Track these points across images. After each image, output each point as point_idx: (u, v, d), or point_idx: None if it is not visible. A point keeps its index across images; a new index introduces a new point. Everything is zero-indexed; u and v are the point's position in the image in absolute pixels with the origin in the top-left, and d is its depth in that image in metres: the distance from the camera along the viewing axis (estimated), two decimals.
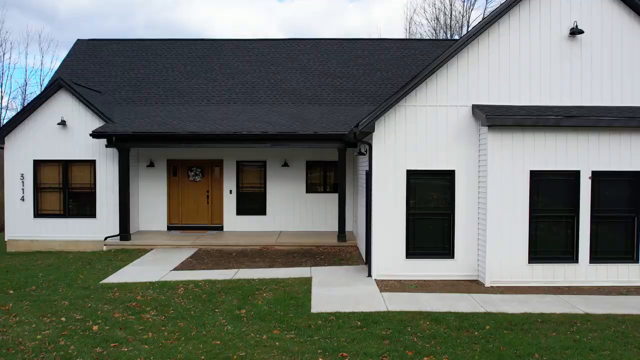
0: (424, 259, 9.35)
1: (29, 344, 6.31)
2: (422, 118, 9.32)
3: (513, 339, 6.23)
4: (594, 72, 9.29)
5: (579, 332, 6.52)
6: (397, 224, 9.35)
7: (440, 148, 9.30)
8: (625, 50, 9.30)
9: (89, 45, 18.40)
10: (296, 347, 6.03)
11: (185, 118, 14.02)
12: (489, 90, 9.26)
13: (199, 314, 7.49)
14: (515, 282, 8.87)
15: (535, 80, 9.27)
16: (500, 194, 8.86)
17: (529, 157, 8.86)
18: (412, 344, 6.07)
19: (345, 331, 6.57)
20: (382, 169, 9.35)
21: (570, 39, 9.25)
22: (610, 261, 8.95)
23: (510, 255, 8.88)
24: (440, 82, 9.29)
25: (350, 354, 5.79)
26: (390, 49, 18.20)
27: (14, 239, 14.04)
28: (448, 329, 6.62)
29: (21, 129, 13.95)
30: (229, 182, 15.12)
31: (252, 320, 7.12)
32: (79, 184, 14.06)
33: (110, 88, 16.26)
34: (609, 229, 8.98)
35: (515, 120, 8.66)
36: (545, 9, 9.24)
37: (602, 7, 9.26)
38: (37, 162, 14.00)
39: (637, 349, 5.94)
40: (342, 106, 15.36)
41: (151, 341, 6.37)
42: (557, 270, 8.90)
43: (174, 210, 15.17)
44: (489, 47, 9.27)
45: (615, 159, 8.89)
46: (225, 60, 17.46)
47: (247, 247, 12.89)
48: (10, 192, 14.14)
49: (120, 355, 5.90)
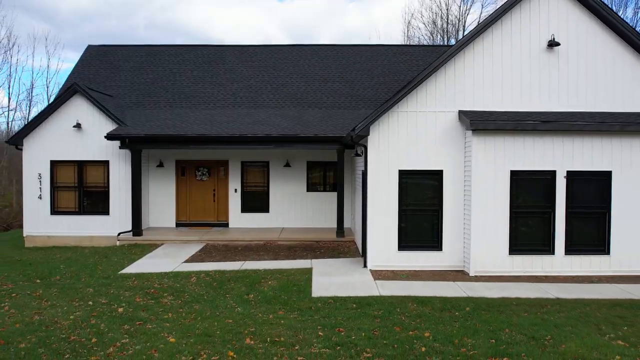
0: (415, 251, 10.25)
1: (64, 323, 7.19)
2: (413, 123, 10.21)
3: (489, 318, 7.12)
4: (570, 80, 10.18)
5: (547, 313, 7.41)
6: (390, 220, 10.25)
7: (430, 150, 10.19)
8: (598, 61, 10.19)
9: (99, 50, 19.30)
10: (299, 325, 6.92)
11: (193, 121, 14.90)
12: (474, 97, 10.15)
13: (212, 298, 8.38)
14: (497, 271, 9.76)
15: (516, 88, 10.16)
16: (484, 191, 9.75)
17: (510, 158, 9.75)
18: (400, 322, 6.96)
19: (342, 312, 7.46)
20: (377, 169, 10.25)
21: (548, 50, 10.14)
22: (583, 253, 9.84)
23: (493, 247, 9.77)
24: (429, 90, 10.18)
25: (346, 329, 6.68)
26: (386, 54, 19.09)
27: (32, 235, 14.92)
28: (432, 310, 7.51)
29: (39, 131, 14.83)
30: (234, 181, 16.02)
31: (259, 304, 8.02)
32: (93, 183, 14.95)
33: (120, 92, 17.15)
34: (583, 223, 9.86)
35: (496, 125, 9.55)
36: (525, 23, 10.13)
37: (577, 22, 10.14)
38: (54, 162, 14.88)
39: (595, 326, 6.83)
40: (341, 109, 16.25)
41: (171, 320, 7.26)
42: (535, 261, 9.79)
43: (182, 208, 16.07)
44: (474, 58, 10.16)
45: (587, 160, 9.78)
46: (230, 65, 18.35)
47: (251, 242, 13.78)
48: (29, 190, 15.00)
49: (146, 330, 6.79)
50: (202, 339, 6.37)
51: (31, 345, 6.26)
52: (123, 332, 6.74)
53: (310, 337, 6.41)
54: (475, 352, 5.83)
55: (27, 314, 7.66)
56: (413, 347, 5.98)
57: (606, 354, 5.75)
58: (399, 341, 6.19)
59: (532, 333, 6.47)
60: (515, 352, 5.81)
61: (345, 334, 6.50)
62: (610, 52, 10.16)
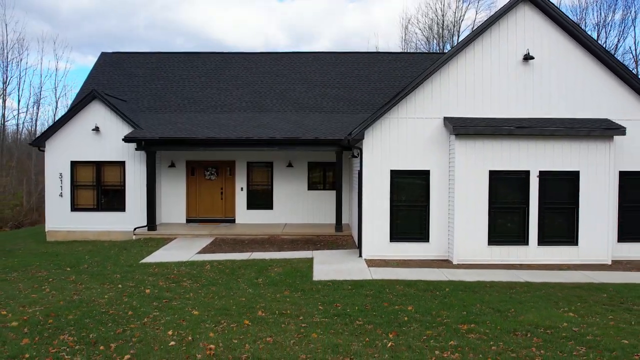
0: (405, 242, 11.47)
1: (101, 301, 8.41)
2: (403, 128, 11.43)
3: (464, 297, 8.34)
4: (543, 90, 11.39)
5: (515, 293, 8.63)
6: (383, 214, 11.47)
7: (418, 152, 11.41)
8: (568, 72, 11.41)
9: (112, 57, 20.52)
10: (302, 301, 8.14)
11: (202, 124, 16.12)
12: (457, 105, 11.37)
13: (226, 282, 9.60)
14: (477, 260, 10.98)
15: (495, 96, 11.38)
16: (466, 189, 10.97)
17: (489, 160, 10.97)
18: (388, 299, 8.18)
19: (339, 292, 8.68)
20: (371, 170, 11.47)
21: (523, 63, 11.36)
22: (554, 244, 11.06)
23: (474, 238, 10.99)
24: (417, 99, 11.40)
25: (342, 304, 7.90)
26: (383, 61, 20.32)
27: (53, 230, 16.14)
28: (417, 291, 8.73)
29: (60, 134, 16.05)
30: (240, 180, 17.25)
31: (268, 286, 9.23)
32: (110, 182, 16.17)
33: (133, 97, 18.37)
34: (554, 217, 11.09)
35: (476, 130, 10.77)
36: (503, 39, 11.34)
37: (549, 38, 11.36)
38: (74, 162, 16.10)
39: (554, 302, 8.04)
40: (340, 114, 17.46)
41: (192, 299, 8.47)
42: (511, 251, 11.02)
43: (192, 205, 17.29)
44: (457, 70, 11.38)
45: (558, 161, 11.00)
46: (236, 71, 19.57)
47: (257, 237, 15.00)
48: (51, 189, 16.22)
49: (172, 306, 8.00)
50: (220, 312, 7.59)
51: (77, 317, 7.48)
52: (153, 308, 7.95)
53: (311, 310, 7.63)
54: (448, 320, 7.04)
55: (67, 295, 8.87)
56: (397, 317, 7.20)
57: (556, 321, 6.96)
58: (386, 313, 7.41)
59: (498, 307, 7.69)
60: (481, 320, 7.03)
61: (341, 308, 7.73)
62: (579, 64, 11.38)
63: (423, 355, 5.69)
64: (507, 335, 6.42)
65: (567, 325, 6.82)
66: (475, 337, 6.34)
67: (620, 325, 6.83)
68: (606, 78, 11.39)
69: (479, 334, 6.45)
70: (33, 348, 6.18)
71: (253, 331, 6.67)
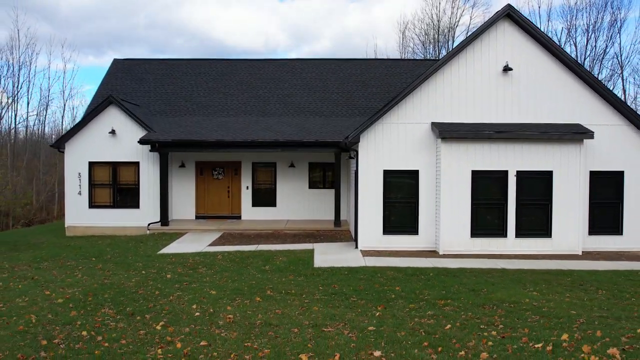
0: (396, 235, 12.73)
1: (129, 284, 9.67)
2: (395, 132, 12.69)
3: (445, 280, 9.60)
4: (521, 98, 12.65)
5: (491, 277, 9.88)
6: (376, 210, 12.73)
7: (408, 154, 12.67)
8: (544, 82, 12.66)
9: (124, 64, 21.79)
10: (304, 283, 9.40)
11: (210, 127, 17.38)
12: (443, 112, 12.63)
13: (237, 268, 10.86)
14: (461, 251, 12.24)
15: (477, 104, 12.63)
16: (450, 187, 12.23)
17: (471, 161, 12.23)
18: (379, 282, 9.44)
19: (337, 276, 9.95)
20: (366, 170, 12.73)
21: (503, 74, 12.62)
22: (530, 236, 12.32)
23: (458, 231, 12.25)
24: (408, 106, 12.66)
25: (339, 286, 9.16)
26: (379, 67, 21.59)
27: (72, 226, 17.40)
28: (405, 275, 9.99)
29: (78, 137, 17.31)
30: (245, 179, 18.51)
31: (274, 272, 10.50)
32: (125, 181, 17.43)
33: (145, 101, 19.63)
34: (530, 212, 12.34)
35: (460, 134, 12.03)
36: (485, 52, 12.60)
37: (527, 51, 12.61)
38: (92, 163, 17.36)
39: (522, 284, 9.28)
40: (338, 117, 18.73)
41: (209, 282, 9.73)
42: (491, 242, 12.28)
43: (200, 203, 18.55)
44: (443, 80, 12.64)
45: (533, 162, 12.25)
46: (241, 77, 20.83)
47: (262, 231, 16.26)
48: (70, 187, 17.48)
49: (192, 288, 9.26)
50: (234, 292, 8.85)
51: (112, 296, 8.74)
52: (176, 289, 9.21)
53: (313, 290, 8.89)
54: (429, 297, 8.31)
55: (98, 279, 10.14)
56: (386, 295, 8.46)
57: (520, 298, 8.22)
58: (376, 292, 8.67)
59: (473, 287, 8.95)
60: (456, 297, 8.29)
61: (338, 288, 8.99)
62: (554, 75, 12.64)
63: (404, 321, 6.95)
64: (477, 307, 7.68)
65: (529, 301, 8.08)
66: (450, 309, 7.60)
67: (573, 301, 8.09)
68: (578, 87, 12.64)
69: (453, 307, 7.71)
70: (81, 317, 7.45)
71: (264, 305, 7.94)
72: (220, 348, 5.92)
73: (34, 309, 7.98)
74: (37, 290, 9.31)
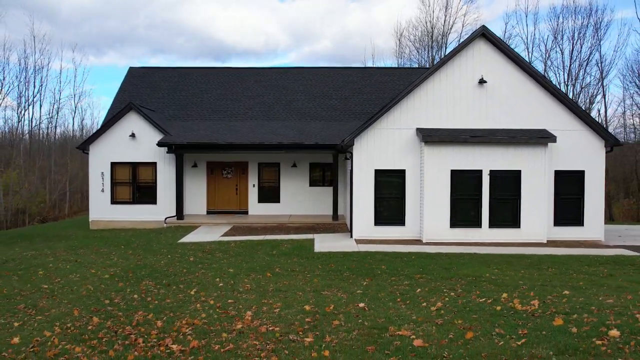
0: (386, 226, 14.61)
1: (159, 265, 11.54)
2: (385, 136, 14.57)
3: (424, 261, 11.48)
4: (494, 106, 14.52)
5: (462, 259, 11.75)
6: (369, 204, 14.60)
7: (396, 155, 14.55)
8: (514, 93, 14.52)
9: (139, 72, 23.68)
10: (306, 264, 11.29)
11: (220, 131, 19.25)
12: (427, 118, 14.51)
13: (248, 253, 12.75)
14: (441, 239, 14.11)
15: (457, 112, 14.51)
16: (432, 184, 14.10)
17: (450, 161, 14.10)
18: (368, 262, 11.33)
19: (333, 258, 11.83)
20: (359, 169, 14.60)
21: (478, 85, 14.49)
22: (502, 227, 14.19)
23: (439, 222, 14.12)
24: (396, 113, 14.55)
25: (335, 265, 11.04)
26: (375, 74, 23.49)
27: (96, 220, 19.29)
28: (390, 258, 11.87)
29: (101, 140, 19.19)
30: (252, 178, 20.39)
31: (281, 256, 12.38)
32: (143, 180, 19.32)
33: (159, 107, 21.51)
34: (501, 206, 14.22)
35: (440, 138, 13.92)
36: (463, 67, 14.48)
37: (499, 65, 14.48)
38: (113, 163, 19.25)
39: (487, 264, 11.14)
40: (337, 122, 20.60)
41: (226, 263, 11.61)
42: (468, 232, 14.15)
43: (211, 199, 20.43)
44: (427, 91, 14.51)
45: (505, 162, 14.12)
46: (247, 85, 22.72)
47: (267, 225, 18.14)
48: (94, 185, 19.36)
49: (213, 267, 11.14)
50: (249, 270, 10.74)
51: (148, 273, 10.62)
52: (199, 268, 11.10)
53: (313, 268, 10.78)
54: (408, 272, 10.18)
55: (132, 262, 12.02)
56: (373, 271, 10.34)
57: (482, 274, 10.09)
58: (365, 269, 10.56)
59: (445, 266, 10.83)
60: (430, 272, 10.16)
61: (334, 267, 10.88)
62: (523, 87, 14.51)
63: (385, 287, 8.83)
64: (444, 280, 9.56)
65: (488, 275, 9.95)
66: (423, 280, 9.48)
67: (525, 276, 9.96)
68: (544, 98, 14.52)
69: (425, 279, 9.59)
70: (128, 287, 9.33)
71: (274, 279, 9.82)
72: (244, 303, 7.81)
73: (87, 282, 9.87)
74: (83, 269, 11.21)
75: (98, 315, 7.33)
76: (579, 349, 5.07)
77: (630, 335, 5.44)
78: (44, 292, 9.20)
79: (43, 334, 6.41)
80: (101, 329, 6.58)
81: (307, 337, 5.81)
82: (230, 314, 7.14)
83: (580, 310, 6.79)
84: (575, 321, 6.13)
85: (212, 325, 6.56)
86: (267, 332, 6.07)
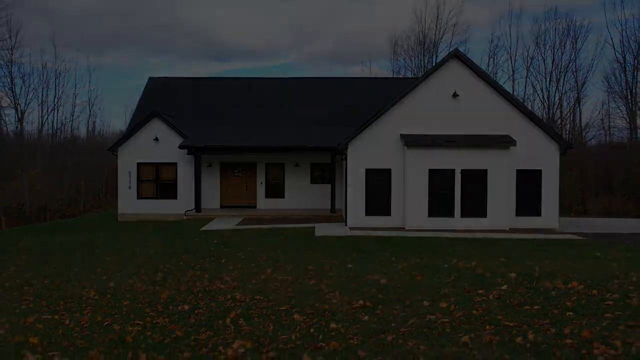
0: (375, 216, 17.42)
1: (191, 247, 14.34)
2: (375, 140, 17.37)
3: (403, 242, 14.27)
4: (467, 116, 17.30)
5: (435, 241, 14.54)
6: (360, 198, 17.40)
7: (383, 157, 17.35)
8: (483, 104, 17.30)
9: (158, 82, 26.51)
10: (309, 244, 14.09)
11: (232, 135, 22.04)
12: (409, 126, 17.31)
13: (261, 237, 15.55)
14: (421, 227, 16.91)
15: (435, 120, 17.30)
16: (413, 181, 16.90)
17: (428, 162, 16.89)
18: (359, 243, 14.13)
19: (331, 241, 14.64)
20: (353, 168, 17.40)
21: (453, 98, 17.28)
22: (472, 216, 16.98)
23: (419, 213, 16.92)
24: (383, 121, 17.35)
25: (332, 246, 13.84)
26: (371, 84, 26.34)
27: (124, 213, 22.10)
28: (377, 240, 14.68)
29: (129, 143, 21.99)
30: (260, 176, 23.20)
31: (287, 239, 15.18)
32: (165, 178, 22.12)
33: (177, 113, 24.30)
34: (471, 199, 17.01)
35: (420, 142, 16.72)
36: (439, 83, 17.26)
37: (470, 81, 17.27)
38: (139, 163, 22.06)
39: (451, 245, 13.91)
40: (335, 126, 23.36)
41: (243, 244, 14.39)
42: (443, 221, 16.94)
43: (224, 195, 23.24)
44: (410, 102, 17.31)
45: (473, 163, 16.92)
46: (255, 93, 25.53)
47: (274, 216, 20.93)
48: (122, 183, 22.17)
49: (234, 247, 13.92)
50: (263, 248, 13.53)
51: (184, 251, 13.40)
52: (223, 248, 13.89)
53: (314, 248, 13.58)
54: (388, 250, 12.99)
55: (168, 244, 14.80)
56: (361, 248, 13.14)
57: (446, 249, 12.86)
58: (356, 248, 13.36)
59: (419, 244, 13.63)
60: (404, 248, 12.95)
61: (331, 247, 13.69)
62: (489, 99, 17.30)
63: (368, 257, 11.63)
64: (415, 253, 12.35)
65: (451, 250, 12.75)
66: (397, 252, 12.28)
67: (477, 250, 12.75)
68: (507, 108, 17.32)
69: (399, 252, 12.39)
70: (172, 259, 12.13)
71: (283, 254, 12.62)
72: (262, 266, 10.61)
73: (137, 258, 12.67)
74: (128, 249, 14.01)
75: (160, 273, 10.13)
76: (485, 283, 7.88)
77: (523, 276, 8.26)
78: (109, 262, 12.01)
79: (127, 281, 9.21)
80: (166, 280, 9.39)
81: (311, 281, 8.62)
82: (255, 272, 9.95)
83: (504, 268, 9.60)
84: (491, 271, 8.94)
85: (244, 277, 9.36)
86: (283, 280, 8.87)
